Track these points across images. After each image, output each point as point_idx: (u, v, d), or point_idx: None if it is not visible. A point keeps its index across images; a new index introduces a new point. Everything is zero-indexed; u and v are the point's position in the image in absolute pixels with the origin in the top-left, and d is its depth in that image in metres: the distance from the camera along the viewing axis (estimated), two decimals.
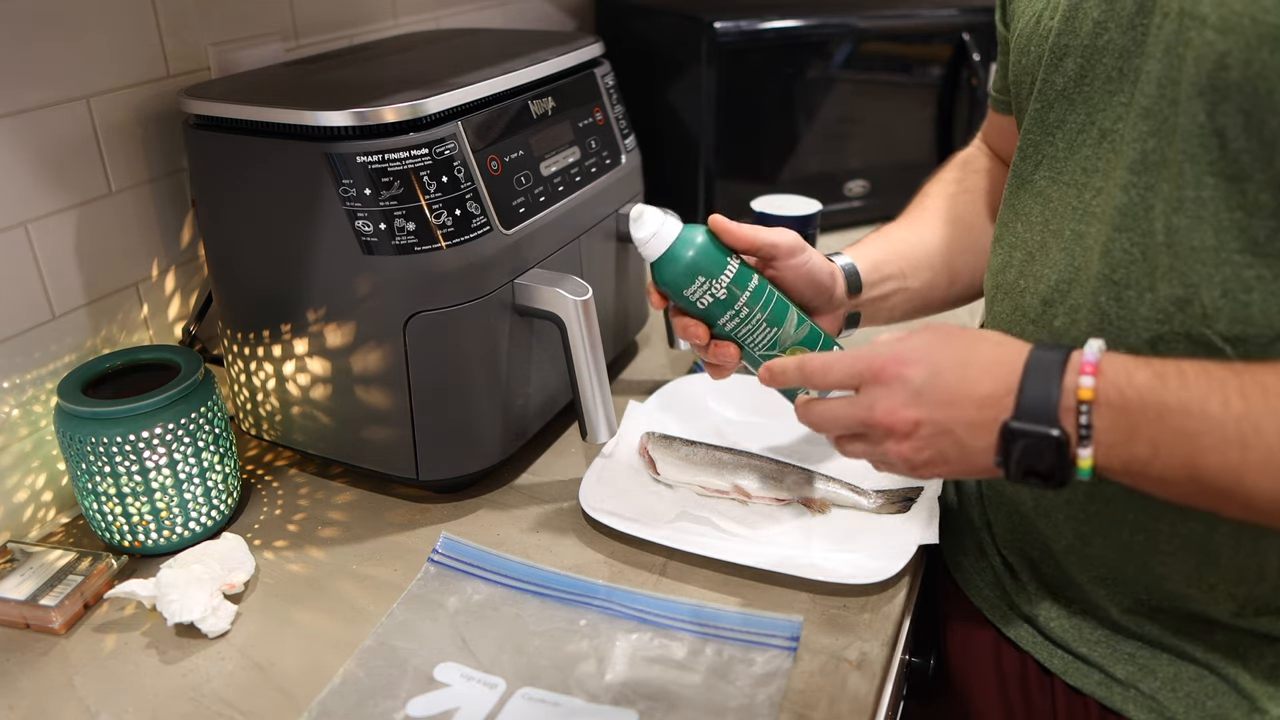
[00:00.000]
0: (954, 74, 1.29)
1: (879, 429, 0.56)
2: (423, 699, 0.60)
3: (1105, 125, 0.58)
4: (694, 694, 0.60)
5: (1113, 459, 0.50)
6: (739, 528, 0.75)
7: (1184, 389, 0.49)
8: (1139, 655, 0.62)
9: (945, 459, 0.55)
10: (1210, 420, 0.48)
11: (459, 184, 0.71)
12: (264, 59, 0.92)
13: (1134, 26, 0.55)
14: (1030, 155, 0.65)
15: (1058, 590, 0.66)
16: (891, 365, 0.56)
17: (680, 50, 1.23)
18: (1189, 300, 0.53)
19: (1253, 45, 0.48)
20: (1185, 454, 0.48)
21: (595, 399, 0.77)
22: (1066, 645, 0.65)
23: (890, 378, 0.56)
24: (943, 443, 0.54)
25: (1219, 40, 0.49)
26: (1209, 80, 0.50)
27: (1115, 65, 0.57)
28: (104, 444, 0.69)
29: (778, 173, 1.27)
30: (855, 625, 0.66)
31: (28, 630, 0.67)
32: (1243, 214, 0.51)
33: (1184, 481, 0.49)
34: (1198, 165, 0.51)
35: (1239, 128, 0.49)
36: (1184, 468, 0.49)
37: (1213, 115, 0.50)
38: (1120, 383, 0.50)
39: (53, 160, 0.76)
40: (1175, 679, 0.60)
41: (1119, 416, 0.50)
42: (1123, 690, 0.62)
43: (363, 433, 0.78)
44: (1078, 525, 0.62)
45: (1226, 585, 0.57)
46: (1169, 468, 0.49)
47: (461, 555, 0.72)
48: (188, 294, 0.90)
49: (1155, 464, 0.49)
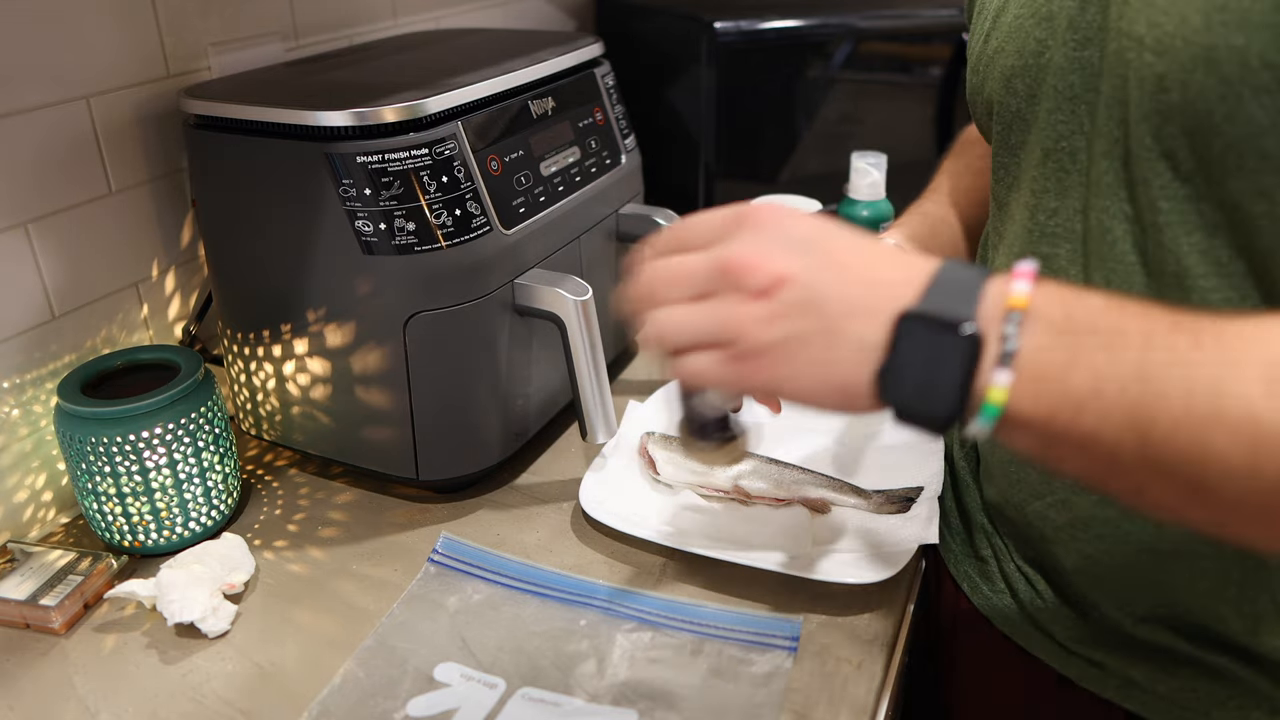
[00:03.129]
0: (954, 74, 1.29)
1: (730, 276, 0.43)
2: (423, 699, 0.60)
3: (1048, 144, 0.57)
4: (694, 694, 0.60)
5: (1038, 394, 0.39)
6: (739, 528, 0.75)
7: (1146, 318, 0.39)
8: (1155, 659, 0.61)
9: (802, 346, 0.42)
10: (1176, 359, 0.37)
11: (459, 184, 0.71)
12: (264, 59, 0.92)
13: (1074, 45, 0.54)
14: (1002, 178, 0.64)
15: (1071, 601, 0.65)
16: (773, 211, 0.44)
17: (680, 50, 1.23)
18: None
19: (1187, 67, 0.46)
20: (1137, 397, 0.37)
21: (595, 399, 0.77)
22: (1083, 653, 0.64)
23: (767, 221, 0.44)
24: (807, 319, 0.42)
25: (1157, 62, 0.47)
26: (1152, 103, 0.48)
27: (1060, 84, 0.55)
28: (104, 444, 0.69)
29: (778, 173, 1.27)
30: (855, 625, 0.66)
31: (28, 630, 0.67)
32: (1202, 236, 0.49)
33: (1124, 439, 0.38)
34: (1151, 189, 0.50)
35: (1186, 149, 0.48)
36: (1128, 418, 0.38)
37: (1159, 137, 0.49)
38: (1065, 297, 0.40)
39: (53, 160, 0.76)
40: (1193, 680, 0.60)
41: (1055, 336, 0.39)
42: (1141, 693, 0.62)
43: (363, 433, 0.78)
44: (1083, 546, 0.61)
45: (1236, 606, 0.56)
46: (1108, 416, 0.38)
47: (461, 555, 0.72)
48: (188, 294, 0.90)
49: (1090, 409, 0.38)
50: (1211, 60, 0.45)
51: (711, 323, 0.44)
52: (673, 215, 0.92)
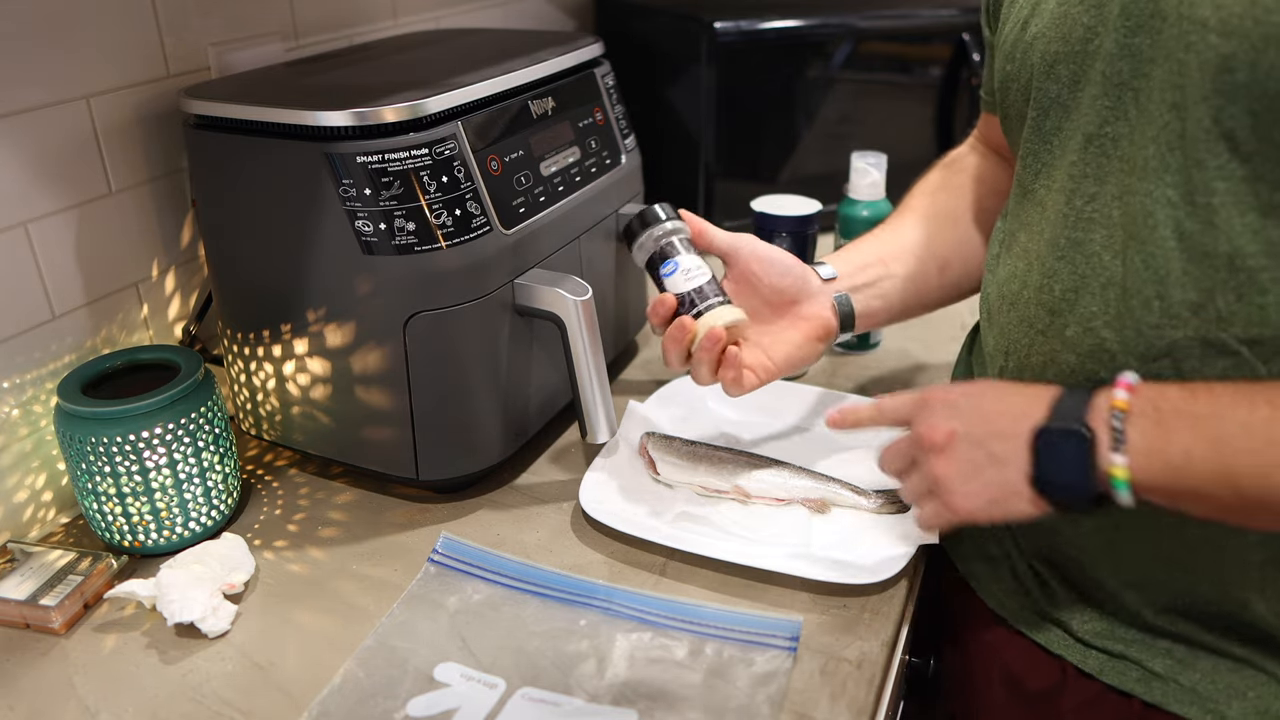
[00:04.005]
0: (954, 74, 1.29)
1: (922, 445, 0.60)
2: (423, 699, 0.60)
3: (1090, 130, 0.58)
4: (694, 694, 0.60)
5: (1150, 467, 0.51)
6: (739, 528, 0.75)
7: (1213, 399, 0.51)
8: (1175, 650, 0.61)
9: (979, 472, 0.57)
10: (1239, 423, 0.49)
11: (459, 184, 0.71)
12: (264, 59, 0.92)
13: (1126, 32, 0.55)
14: (1030, 164, 0.65)
15: (1088, 594, 0.65)
16: (938, 392, 0.62)
17: (680, 50, 1.23)
18: (1203, 305, 0.53)
19: (1258, 47, 0.48)
20: (1218, 458, 0.49)
21: (595, 399, 0.77)
22: (1102, 646, 0.64)
23: (936, 401, 0.61)
24: (976, 455, 0.57)
25: (1222, 43, 0.49)
26: (1214, 84, 0.50)
27: (1108, 70, 0.56)
28: (104, 444, 0.69)
29: (778, 173, 1.27)
30: (855, 625, 0.66)
31: (28, 630, 0.67)
32: (1256, 216, 0.50)
33: (1220, 488, 0.50)
34: (1206, 170, 0.51)
35: (1248, 130, 0.49)
36: (1218, 472, 0.50)
37: (1219, 119, 0.50)
38: (1152, 395, 0.52)
39: (53, 160, 0.76)
40: (1214, 670, 0.60)
41: (1151, 425, 0.51)
42: (1162, 684, 0.61)
43: (363, 433, 0.78)
44: (1106, 533, 0.62)
45: (1259, 590, 0.57)
46: (1204, 475, 0.50)
47: (461, 555, 0.72)
48: (188, 294, 0.90)
49: (1190, 471, 0.50)
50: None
51: (925, 481, 0.60)
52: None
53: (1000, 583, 0.71)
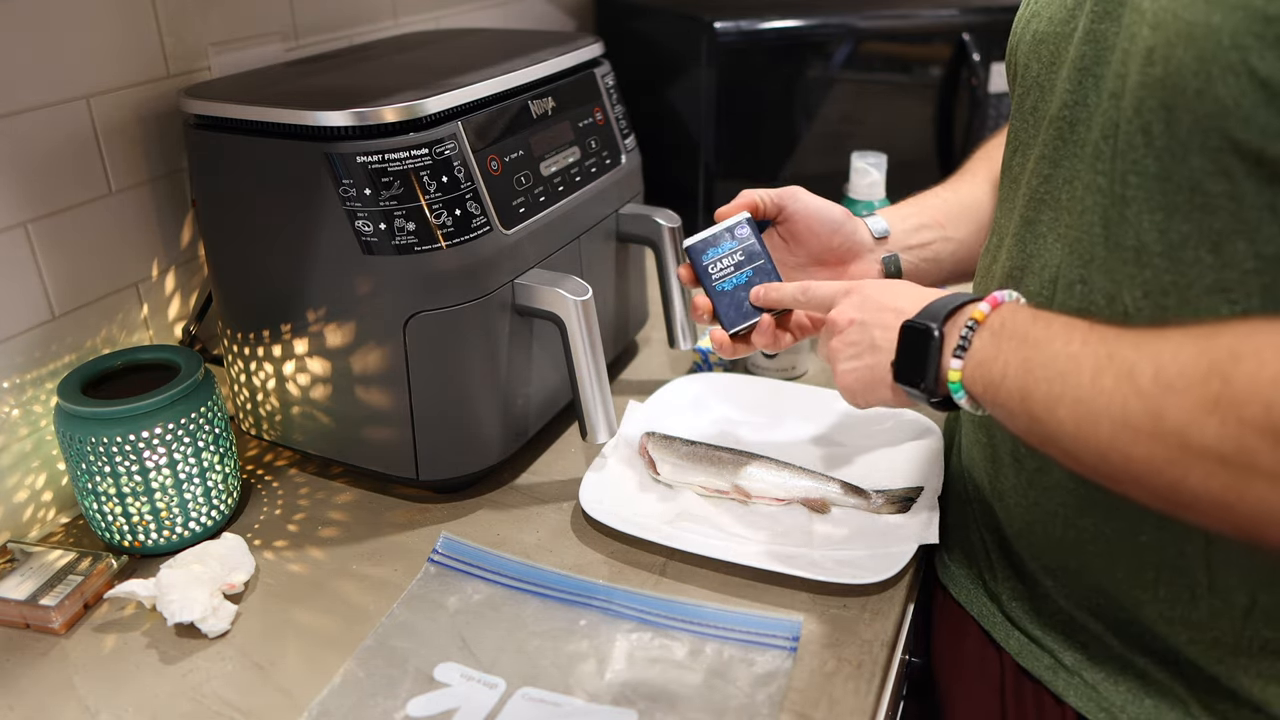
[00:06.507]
0: (954, 74, 1.29)
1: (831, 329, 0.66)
2: (423, 699, 0.60)
3: (1054, 112, 0.58)
4: (694, 694, 0.60)
5: (976, 377, 0.55)
6: (739, 528, 0.75)
7: (1048, 328, 0.52)
8: (1090, 645, 0.62)
9: (860, 355, 0.63)
10: (1051, 353, 0.50)
11: (459, 184, 0.71)
12: (264, 59, 0.92)
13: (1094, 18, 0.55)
14: (1011, 140, 0.65)
15: (1019, 572, 0.66)
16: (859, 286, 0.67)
17: (680, 50, 1.23)
18: (1115, 297, 0.53)
19: (1172, 41, 0.47)
20: (1020, 382, 0.51)
21: (595, 399, 0.77)
22: (1023, 626, 0.65)
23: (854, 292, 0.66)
24: (863, 339, 0.63)
25: (1150, 36, 0.49)
26: (1140, 75, 0.50)
27: (1075, 54, 0.56)
28: (104, 444, 0.69)
29: (778, 173, 1.27)
30: (855, 625, 0.66)
31: (28, 630, 0.67)
32: (1163, 215, 0.50)
33: (1020, 411, 0.52)
34: (1125, 161, 0.51)
35: (1161, 124, 0.49)
36: (1018, 394, 0.51)
37: (1140, 111, 0.50)
38: (1006, 314, 0.55)
39: (53, 160, 0.76)
40: (1120, 673, 0.60)
41: (990, 338, 0.54)
42: (1068, 677, 0.62)
43: (363, 433, 0.78)
44: (1023, 512, 0.63)
45: (1157, 601, 0.56)
46: (1010, 394, 0.52)
47: (461, 555, 0.72)
48: (188, 294, 0.90)
49: (1002, 388, 0.52)
50: (1191, 36, 0.46)
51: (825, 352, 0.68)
52: (673, 215, 0.92)
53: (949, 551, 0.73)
